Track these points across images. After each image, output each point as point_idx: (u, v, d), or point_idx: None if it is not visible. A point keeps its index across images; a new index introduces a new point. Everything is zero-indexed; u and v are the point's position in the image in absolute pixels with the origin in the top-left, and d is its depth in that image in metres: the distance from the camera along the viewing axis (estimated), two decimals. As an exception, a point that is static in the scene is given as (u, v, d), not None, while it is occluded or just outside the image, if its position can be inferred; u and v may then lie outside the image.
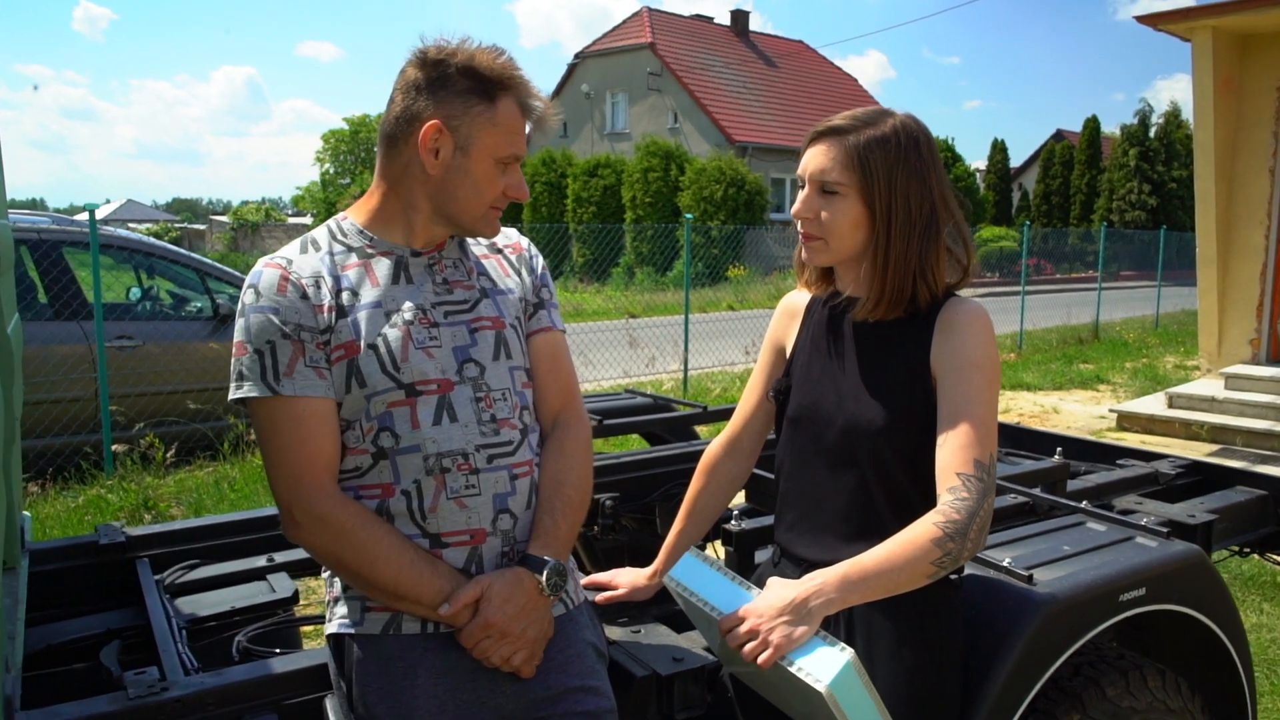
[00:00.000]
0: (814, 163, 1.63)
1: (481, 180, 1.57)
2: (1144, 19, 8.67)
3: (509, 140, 1.56)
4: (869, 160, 1.58)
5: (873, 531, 1.60)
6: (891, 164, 1.58)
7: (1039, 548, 1.92)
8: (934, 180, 1.61)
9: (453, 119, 1.53)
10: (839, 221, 1.61)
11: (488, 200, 1.59)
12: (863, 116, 1.62)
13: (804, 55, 36.11)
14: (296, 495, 1.51)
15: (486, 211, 1.60)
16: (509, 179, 1.60)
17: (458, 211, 1.59)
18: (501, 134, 1.55)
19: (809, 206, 1.64)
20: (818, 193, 1.63)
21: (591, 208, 26.67)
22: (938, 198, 1.61)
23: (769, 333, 1.91)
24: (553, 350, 1.75)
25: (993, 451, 1.52)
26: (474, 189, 1.57)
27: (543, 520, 1.62)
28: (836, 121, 1.63)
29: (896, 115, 1.63)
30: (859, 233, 1.61)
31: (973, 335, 1.57)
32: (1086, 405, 9.67)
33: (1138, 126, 33.60)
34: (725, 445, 1.96)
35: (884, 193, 1.58)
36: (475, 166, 1.56)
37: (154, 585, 2.16)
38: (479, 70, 1.53)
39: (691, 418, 3.46)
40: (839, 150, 1.60)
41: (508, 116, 1.55)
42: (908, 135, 1.60)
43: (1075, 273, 31.05)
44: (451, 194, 1.58)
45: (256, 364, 1.51)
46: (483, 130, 1.54)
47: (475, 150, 1.55)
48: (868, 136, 1.58)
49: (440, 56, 1.54)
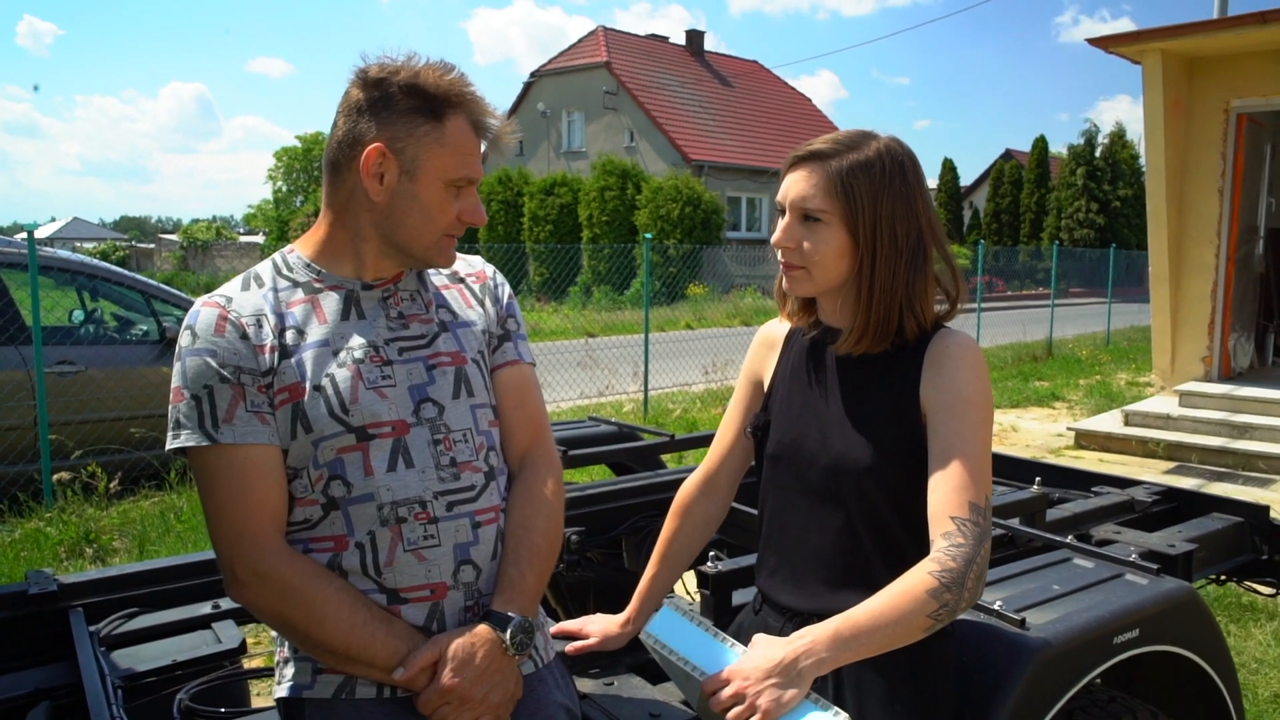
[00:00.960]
0: (795, 189, 1.54)
1: (431, 206, 1.46)
2: (1095, 41, 8.80)
3: (460, 162, 1.45)
4: (852, 186, 1.49)
5: (860, 578, 1.52)
6: (876, 190, 1.50)
7: (1028, 587, 1.85)
8: (920, 206, 1.53)
9: (397, 141, 1.42)
10: (822, 251, 1.52)
11: (439, 227, 1.48)
12: (845, 140, 1.53)
13: (759, 75, 36.40)
14: (238, 551, 1.39)
15: (439, 240, 1.49)
16: (463, 203, 1.49)
17: (407, 240, 1.48)
18: (451, 155, 1.44)
19: (790, 235, 1.55)
20: (799, 220, 1.54)
21: (548, 226, 26.57)
22: (925, 224, 1.53)
23: (745, 364, 1.82)
24: (520, 385, 1.64)
25: (988, 493, 1.44)
26: (423, 215, 1.46)
27: (508, 572, 1.51)
28: (817, 145, 1.54)
29: (880, 138, 1.55)
30: (843, 262, 1.53)
31: (964, 370, 1.49)
32: (1044, 423, 9.74)
33: (1084, 146, 34.32)
34: (700, 484, 1.86)
35: (869, 220, 1.50)
36: (423, 191, 1.44)
37: (87, 638, 2.01)
38: (424, 88, 1.42)
39: (659, 446, 3.36)
40: (821, 176, 1.51)
41: (457, 136, 1.44)
42: (892, 159, 1.52)
43: (1026, 289, 31.52)
44: (400, 222, 1.46)
45: (194, 411, 1.39)
46: (430, 152, 1.43)
47: (423, 174, 1.44)
48: (851, 161, 1.50)
49: (382, 75, 1.43)
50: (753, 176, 29.85)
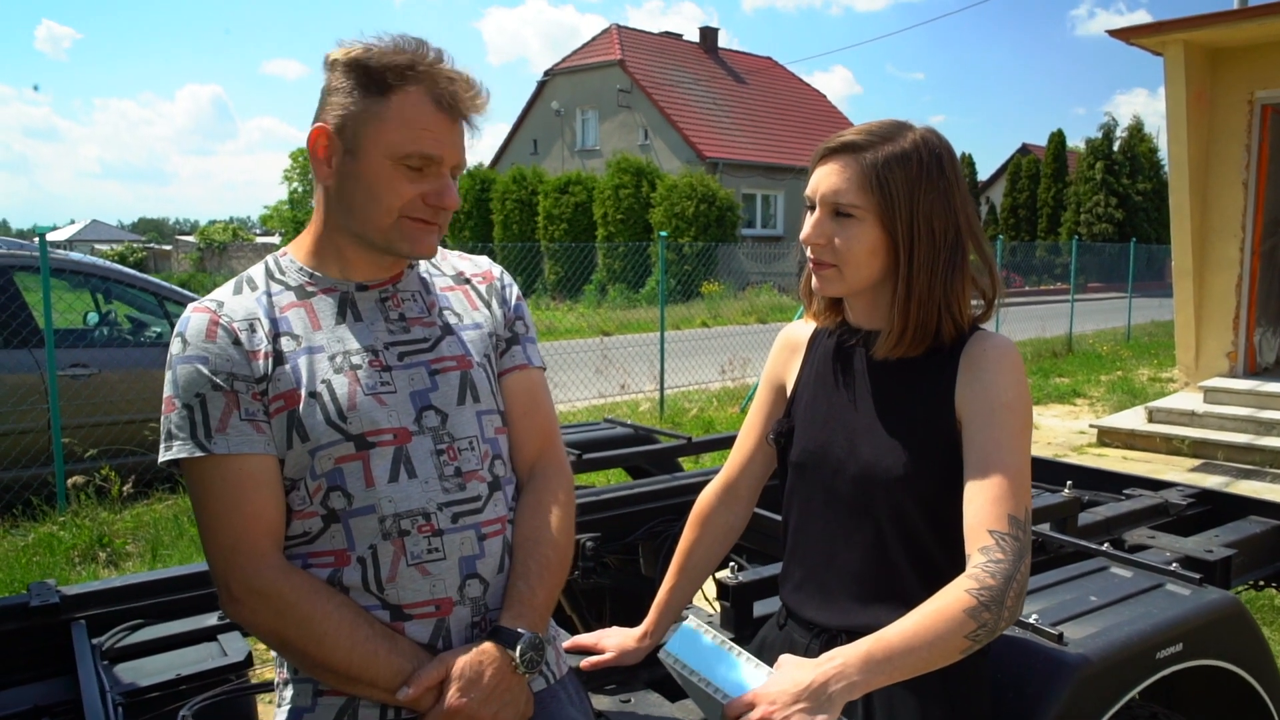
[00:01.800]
0: (826, 183, 1.45)
1: (376, 184, 1.35)
2: (1116, 33, 8.66)
3: (409, 137, 1.33)
4: (888, 180, 1.41)
5: (891, 593, 1.44)
6: (913, 183, 1.41)
7: (1064, 599, 1.76)
8: (959, 201, 1.45)
9: (338, 119, 1.35)
10: (855, 248, 1.44)
11: (390, 208, 1.36)
12: (879, 130, 1.45)
13: (772, 71, 36.24)
14: (232, 566, 1.32)
15: (395, 223, 1.37)
16: (427, 185, 1.37)
17: (360, 225, 1.39)
18: (395, 129, 1.33)
19: (820, 231, 1.46)
20: (830, 216, 1.46)
21: (563, 225, 26.50)
22: (963, 220, 1.45)
23: (767, 369, 1.74)
24: (529, 390, 1.57)
25: (1028, 505, 1.36)
26: (367, 195, 1.36)
27: (516, 586, 1.43)
28: (849, 136, 1.45)
29: (916, 128, 1.46)
30: (877, 260, 1.45)
31: (1003, 374, 1.41)
32: (1065, 420, 9.61)
33: (1102, 140, 34.00)
34: (720, 493, 1.78)
35: (905, 216, 1.41)
36: (365, 169, 1.35)
37: (89, 652, 1.96)
38: (365, 63, 1.33)
39: (675, 449, 3.28)
40: (854, 169, 1.43)
41: (404, 110, 1.33)
42: (930, 151, 1.43)
43: (1044, 285, 31.26)
44: (348, 205, 1.38)
45: (186, 420, 1.32)
46: (370, 126, 1.33)
47: (363, 150, 1.34)
48: (886, 153, 1.42)
49: (335, 56, 1.36)
50: (767, 173, 29.70)
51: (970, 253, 1.46)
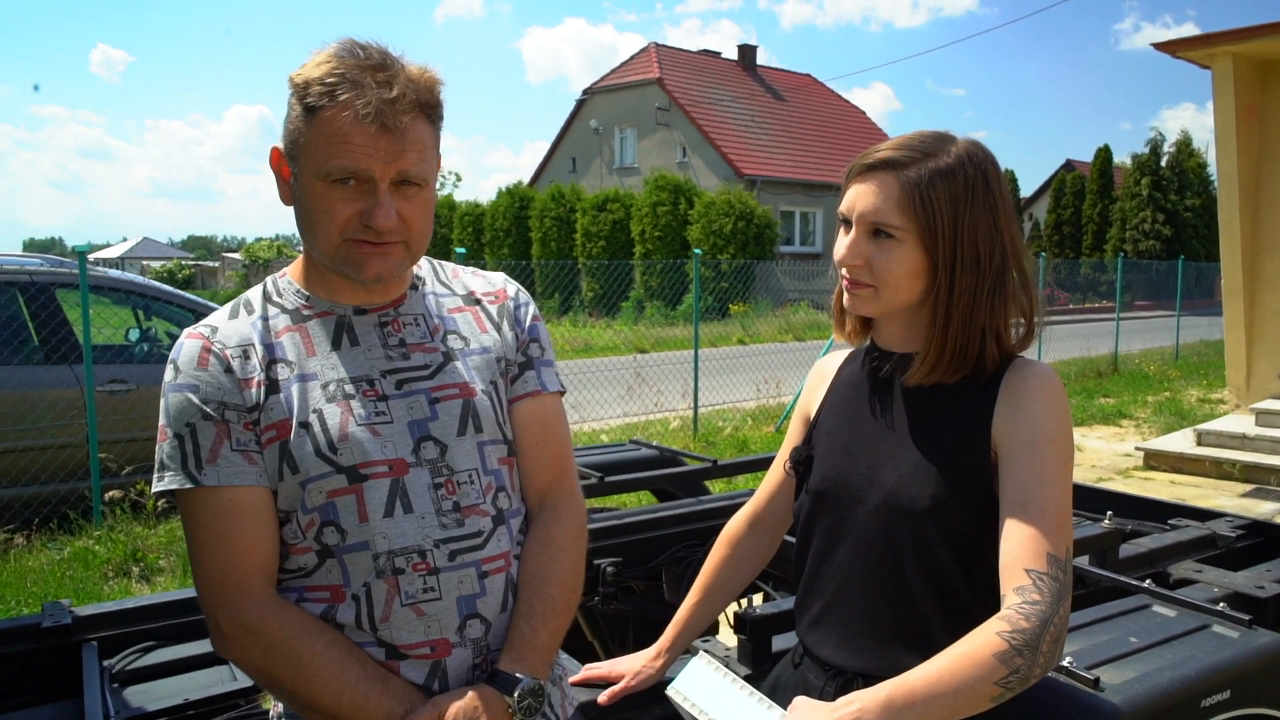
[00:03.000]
0: (863, 201, 1.37)
1: (313, 206, 1.28)
2: (1162, 46, 8.48)
3: (333, 152, 1.24)
4: (931, 198, 1.33)
5: (914, 635, 1.36)
6: (957, 202, 1.33)
7: (1101, 639, 1.67)
8: (1004, 220, 1.37)
9: (287, 140, 1.31)
10: (894, 270, 1.36)
11: (329, 230, 1.28)
12: (919, 145, 1.36)
13: (811, 88, 36.13)
14: (221, 601, 1.27)
15: (339, 245, 1.29)
16: (363, 203, 1.27)
17: (314, 249, 1.33)
18: (322, 145, 1.25)
19: (857, 252, 1.38)
20: (867, 236, 1.38)
21: (600, 242, 26.55)
22: (1008, 240, 1.37)
23: (800, 400, 1.68)
24: (542, 418, 1.49)
25: (1069, 544, 1.27)
26: (307, 218, 1.31)
27: (518, 627, 1.36)
28: (888, 152, 1.36)
29: (959, 141, 1.38)
30: (917, 283, 1.37)
31: (1045, 405, 1.32)
32: (1110, 442, 9.37)
33: (1149, 155, 33.44)
34: (748, 520, 1.74)
35: (949, 237, 1.33)
36: (304, 190, 1.29)
37: (97, 675, 1.93)
38: (296, 81, 1.28)
39: (700, 472, 3.21)
40: (895, 186, 1.34)
41: (331, 125, 1.25)
42: (975, 166, 1.35)
43: (1089, 303, 30.74)
44: (301, 228, 1.33)
45: (177, 450, 1.28)
46: (303, 147, 1.27)
47: (301, 171, 1.29)
48: (930, 170, 1.33)
49: (291, 74, 1.31)
50: (806, 190, 29.57)
51: (1013, 273, 1.38)
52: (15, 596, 4.62)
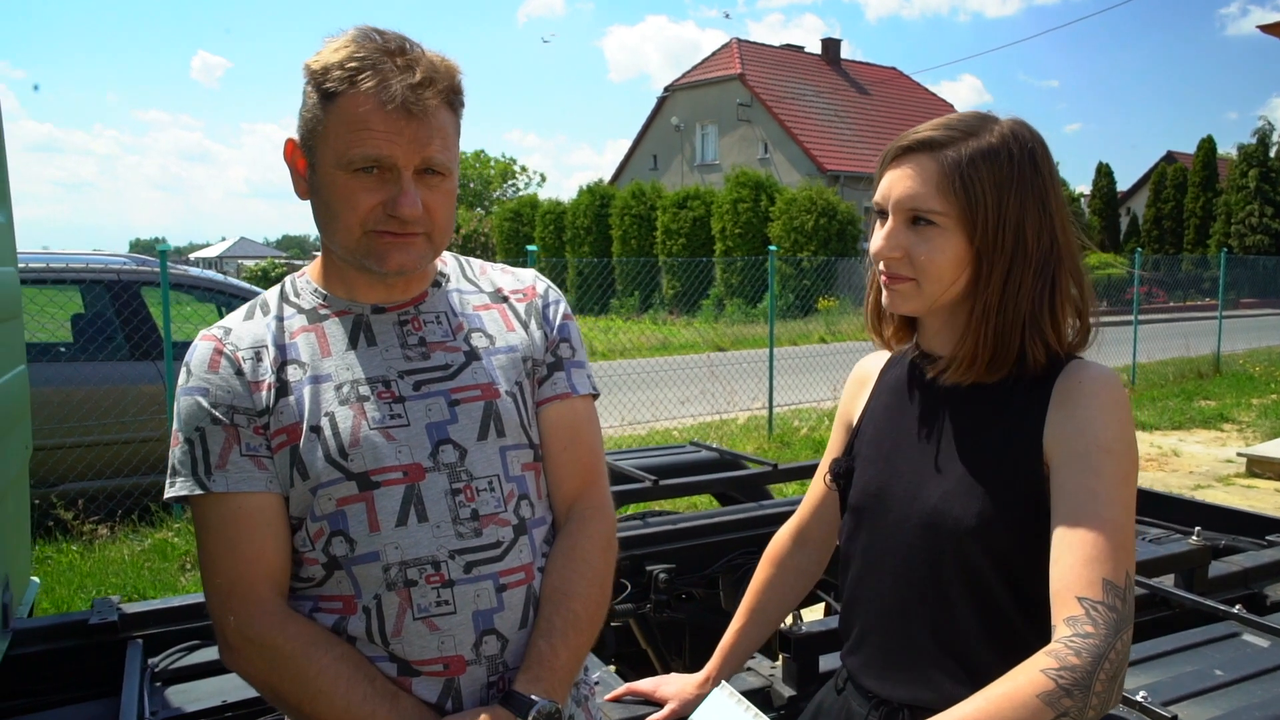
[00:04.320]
0: (900, 186, 1.26)
1: (333, 197, 1.22)
2: (1269, 28, 8.02)
3: (354, 140, 1.19)
4: (973, 180, 1.21)
5: (960, 664, 1.24)
6: (1002, 184, 1.21)
7: (1182, 671, 1.51)
8: (1054, 204, 1.24)
9: (303, 131, 1.24)
10: (937, 260, 1.24)
11: (350, 222, 1.22)
12: (960, 125, 1.25)
13: (897, 81, 35.44)
14: (227, 611, 1.23)
15: (361, 238, 1.24)
16: (385, 192, 1.21)
17: (334, 243, 1.27)
18: (343, 134, 1.19)
19: (895, 242, 1.27)
20: (906, 225, 1.27)
21: (681, 240, 26.46)
22: (1059, 226, 1.24)
23: (840, 406, 1.56)
24: (571, 422, 1.40)
25: (1130, 568, 1.13)
26: (328, 210, 1.24)
27: (537, 645, 1.28)
28: (926, 133, 1.25)
29: (1002, 121, 1.26)
30: (963, 273, 1.25)
31: (1104, 411, 1.19)
32: (1210, 447, 8.91)
33: (1256, 146, 31.94)
34: (793, 534, 1.63)
35: (993, 221, 1.22)
36: (323, 182, 1.23)
37: (137, 674, 1.92)
38: (313, 66, 1.22)
39: (761, 476, 3.10)
40: (934, 169, 1.23)
41: (350, 111, 1.19)
42: (1021, 147, 1.23)
43: (1190, 300, 29.46)
44: (321, 223, 1.27)
45: (188, 456, 1.24)
46: (322, 136, 1.21)
47: (320, 161, 1.23)
48: (972, 150, 1.22)
49: (306, 62, 1.25)
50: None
51: (1066, 264, 1.25)
52: (96, 586, 4.75)
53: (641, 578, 2.62)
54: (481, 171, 46.15)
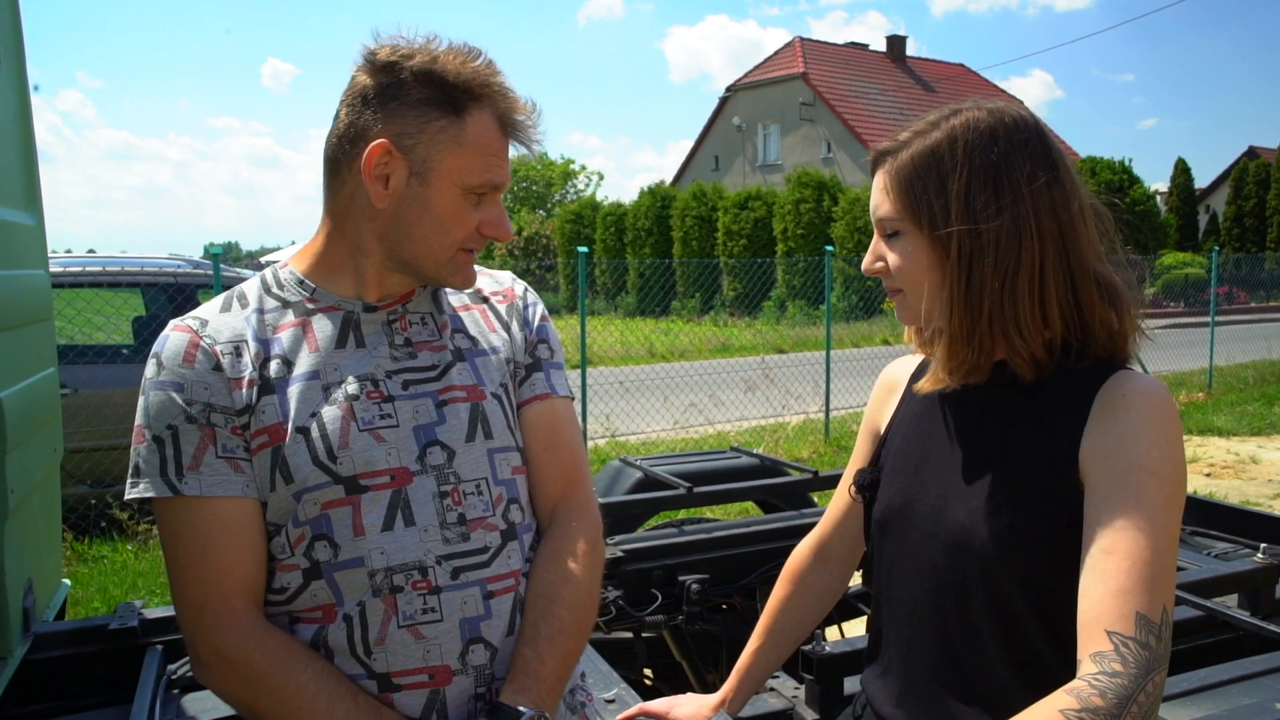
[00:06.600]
0: (871, 201, 1.25)
1: (445, 215, 1.21)
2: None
3: (483, 165, 1.20)
4: (914, 180, 1.17)
5: (983, 695, 1.15)
6: (945, 173, 1.15)
7: (1239, 704, 1.38)
8: (1023, 178, 1.14)
9: (406, 137, 1.18)
10: (907, 268, 1.21)
11: (454, 241, 1.23)
12: (916, 127, 1.22)
13: (964, 78, 34.79)
14: (199, 626, 1.18)
15: (454, 255, 1.24)
16: (485, 213, 1.24)
17: (416, 256, 1.24)
18: (471, 156, 1.19)
19: (873, 256, 1.26)
20: (882, 236, 1.24)
21: (742, 241, 26.27)
22: (1043, 206, 1.14)
23: (867, 413, 1.48)
24: (550, 423, 1.37)
25: (1167, 604, 1.02)
26: (435, 226, 1.21)
27: (523, 654, 1.23)
28: (884, 143, 1.24)
29: (966, 112, 1.19)
30: (936, 277, 1.19)
31: (1148, 427, 1.08)
32: (1292, 454, 8.50)
33: (1346, 139, 30.56)
34: (813, 549, 1.56)
35: (940, 217, 1.16)
36: (436, 198, 1.20)
37: (152, 680, 1.90)
38: (442, 75, 1.17)
39: (803, 484, 3.00)
40: (885, 178, 1.22)
41: (480, 134, 1.20)
42: (975, 131, 1.16)
43: (1273, 301, 28.33)
44: (407, 233, 1.22)
45: (155, 455, 1.18)
46: (446, 152, 1.18)
47: (436, 177, 1.19)
48: (915, 150, 1.19)
49: (393, 58, 1.18)
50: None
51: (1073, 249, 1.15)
52: (148, 585, 4.82)
53: (674, 588, 2.54)
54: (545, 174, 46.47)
